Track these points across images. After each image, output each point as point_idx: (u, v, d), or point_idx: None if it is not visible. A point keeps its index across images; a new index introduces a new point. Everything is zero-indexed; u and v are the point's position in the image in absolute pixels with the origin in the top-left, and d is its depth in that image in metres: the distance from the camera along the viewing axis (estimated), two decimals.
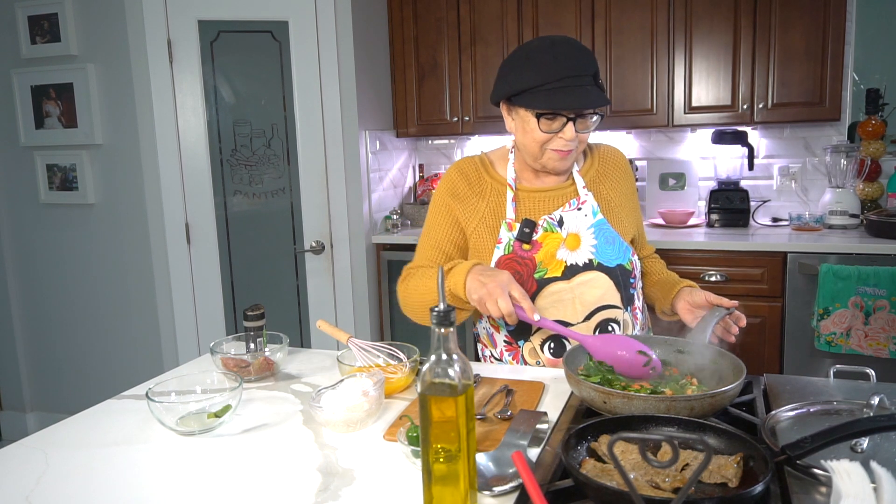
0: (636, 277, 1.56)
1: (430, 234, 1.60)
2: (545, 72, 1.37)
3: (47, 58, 3.09)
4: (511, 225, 1.51)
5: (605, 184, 1.57)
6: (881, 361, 2.56)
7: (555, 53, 1.38)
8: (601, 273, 1.48)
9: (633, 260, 1.55)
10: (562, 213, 1.51)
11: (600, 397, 1.08)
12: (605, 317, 1.49)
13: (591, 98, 1.38)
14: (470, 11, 3.33)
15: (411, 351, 1.43)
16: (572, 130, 1.40)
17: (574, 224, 1.50)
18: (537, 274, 1.48)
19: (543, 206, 1.52)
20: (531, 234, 1.49)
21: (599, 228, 1.51)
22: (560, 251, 1.48)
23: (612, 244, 1.51)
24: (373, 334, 3.32)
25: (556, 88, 1.37)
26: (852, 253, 2.64)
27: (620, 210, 1.56)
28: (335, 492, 0.97)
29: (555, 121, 1.41)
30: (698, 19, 3.01)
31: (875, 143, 3.09)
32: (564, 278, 1.47)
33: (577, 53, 1.39)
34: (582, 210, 1.51)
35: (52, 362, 3.44)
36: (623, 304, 1.51)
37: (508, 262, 1.49)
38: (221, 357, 1.48)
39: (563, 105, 1.38)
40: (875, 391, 1.05)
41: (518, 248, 1.49)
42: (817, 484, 0.86)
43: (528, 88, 1.40)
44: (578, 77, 1.37)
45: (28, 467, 1.08)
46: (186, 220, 3.06)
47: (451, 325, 0.86)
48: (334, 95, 3.07)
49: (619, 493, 0.79)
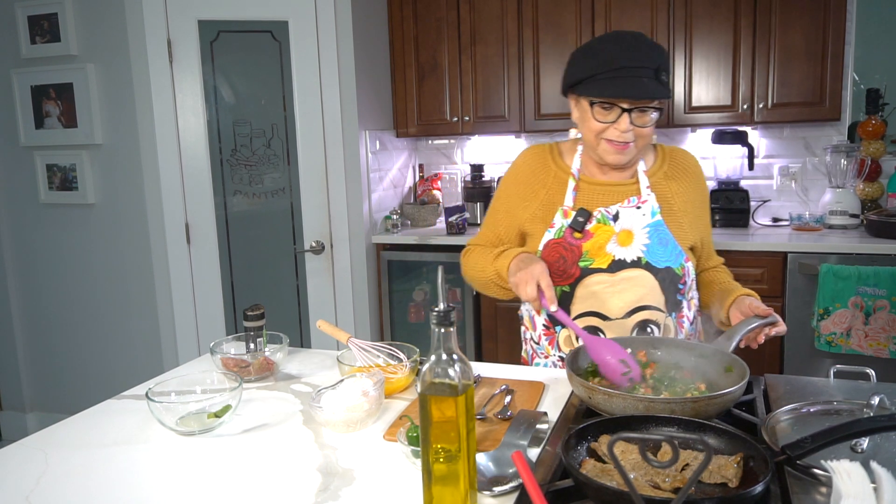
0: (686, 284, 1.51)
1: (491, 217, 1.66)
2: (604, 60, 1.38)
3: (47, 58, 3.09)
4: (567, 212, 1.51)
5: (671, 186, 1.54)
6: (881, 361, 2.56)
7: (618, 44, 1.39)
8: (648, 273, 1.47)
9: (687, 266, 1.51)
10: (619, 208, 1.49)
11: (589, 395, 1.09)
12: (644, 317, 1.47)
13: (645, 89, 1.36)
14: (470, 11, 3.33)
15: (411, 351, 1.43)
16: (626, 122, 1.39)
17: (629, 221, 1.49)
18: (582, 262, 1.47)
19: (602, 199, 1.51)
20: (585, 224, 1.48)
21: (655, 229, 1.48)
22: (610, 244, 1.47)
23: (666, 246, 1.48)
24: (373, 334, 3.32)
25: (612, 77, 1.37)
26: (852, 253, 2.64)
27: (683, 215, 1.53)
28: (335, 492, 0.97)
29: (610, 111, 1.40)
30: (698, 19, 3.01)
31: (875, 143, 3.09)
32: (609, 271, 1.47)
33: (641, 45, 1.38)
34: (641, 209, 1.49)
35: (52, 362, 3.44)
36: (667, 307, 1.48)
37: (555, 246, 1.50)
38: (221, 357, 1.48)
39: (614, 93, 1.37)
40: (875, 391, 1.05)
41: (569, 234, 1.49)
42: (817, 484, 0.86)
43: (586, 77, 1.40)
44: (637, 68, 1.36)
45: (28, 467, 1.08)
46: (186, 220, 3.06)
47: (452, 325, 0.86)
48: (334, 95, 3.07)
49: (619, 493, 0.79)
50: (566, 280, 1.48)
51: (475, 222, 3.53)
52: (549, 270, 1.39)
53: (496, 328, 3.23)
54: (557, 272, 1.48)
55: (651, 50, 1.39)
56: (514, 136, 3.65)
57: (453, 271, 3.26)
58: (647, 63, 1.37)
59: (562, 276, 1.48)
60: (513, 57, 3.30)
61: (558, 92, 3.53)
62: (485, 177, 3.60)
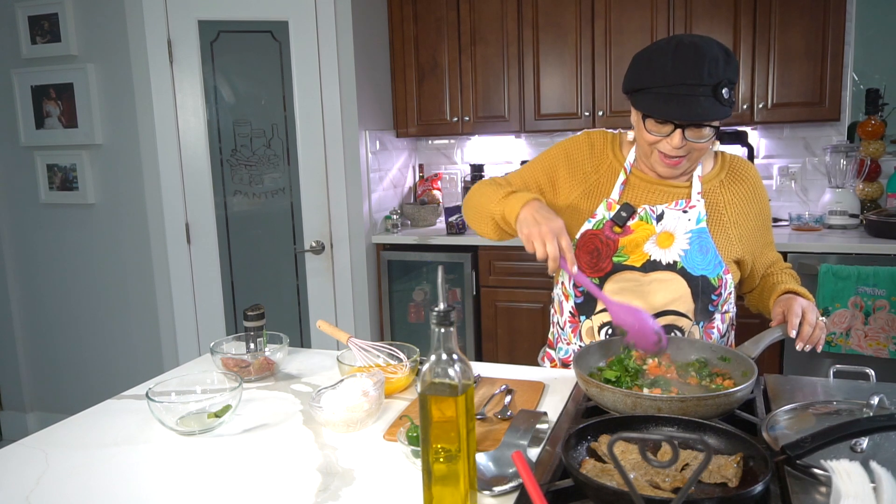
0: (721, 296, 1.47)
1: (528, 170, 1.59)
2: (658, 76, 1.33)
3: (47, 58, 3.09)
4: (611, 205, 1.48)
5: (724, 196, 1.50)
6: (881, 361, 2.56)
7: (675, 57, 1.33)
8: (681, 278, 1.44)
9: (725, 278, 1.47)
10: (665, 209, 1.46)
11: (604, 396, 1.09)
12: (670, 321, 1.45)
13: (698, 110, 1.30)
14: (470, 11, 3.33)
15: (411, 351, 1.43)
16: (679, 138, 1.35)
17: (673, 223, 1.46)
18: (616, 257, 1.46)
19: (650, 197, 1.49)
20: (627, 219, 1.46)
21: (698, 236, 1.45)
22: (648, 244, 1.45)
23: (705, 255, 1.45)
24: (373, 334, 3.32)
25: (666, 94, 1.32)
26: (852, 253, 2.64)
27: (732, 227, 1.49)
28: (335, 492, 0.97)
29: (663, 125, 1.36)
30: (698, 19, 3.01)
31: (875, 143, 3.09)
32: (642, 270, 1.45)
33: (699, 61, 1.30)
34: (687, 213, 1.45)
35: (52, 362, 3.44)
36: (696, 316, 1.45)
37: (592, 237, 1.48)
38: (221, 357, 1.48)
39: (665, 114, 1.34)
40: (875, 391, 1.05)
41: (608, 227, 1.47)
42: (817, 484, 0.86)
43: (641, 88, 1.37)
44: (693, 86, 1.30)
45: (28, 467, 1.08)
46: (186, 220, 3.06)
47: (452, 324, 0.86)
48: (334, 95, 3.07)
49: (619, 493, 0.79)
50: (596, 273, 1.47)
51: None
52: (578, 258, 1.38)
53: (496, 328, 3.23)
54: (589, 264, 1.47)
55: (713, 65, 1.30)
56: (514, 136, 3.65)
57: (453, 271, 3.26)
58: (706, 80, 1.30)
59: (593, 268, 1.47)
60: (513, 57, 3.30)
61: (558, 92, 3.54)
62: (485, 177, 3.60)
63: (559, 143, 1.59)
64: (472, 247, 3.20)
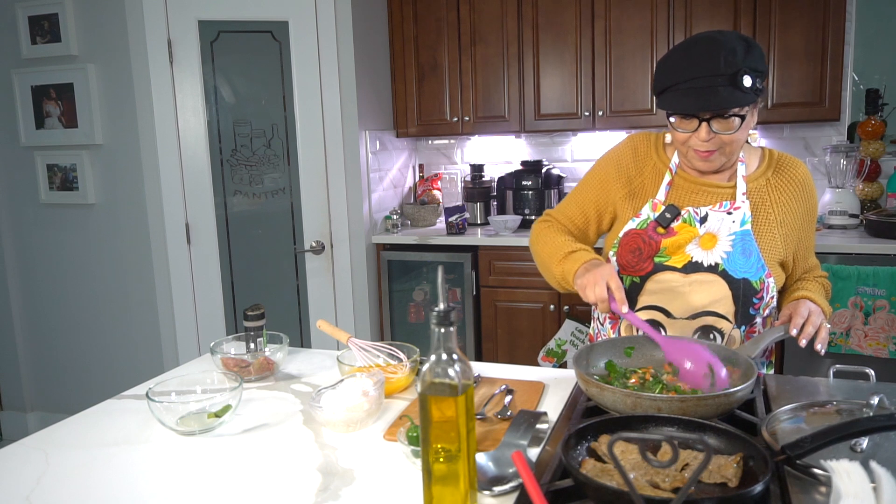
0: (763, 300, 1.46)
1: (580, 193, 1.62)
2: (675, 73, 1.36)
3: (47, 58, 3.09)
4: (656, 206, 1.49)
5: (771, 195, 1.48)
6: (881, 361, 2.56)
7: (692, 53, 1.35)
8: (722, 280, 1.43)
9: (767, 282, 1.45)
10: (709, 211, 1.46)
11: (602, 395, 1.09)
12: (709, 322, 1.44)
13: (716, 99, 1.31)
14: (470, 11, 3.33)
15: (411, 351, 1.43)
16: (705, 131, 1.36)
17: (716, 225, 1.45)
18: (657, 258, 1.46)
19: (694, 199, 1.49)
20: (671, 221, 1.46)
21: (741, 238, 1.43)
22: (690, 246, 1.45)
23: (748, 258, 1.43)
24: (373, 334, 3.32)
25: (685, 90, 1.34)
26: (852, 253, 2.64)
27: (777, 227, 1.47)
28: (335, 492, 0.97)
29: (689, 121, 1.38)
30: (698, 19, 3.01)
31: (875, 143, 3.09)
32: (683, 272, 1.44)
33: (715, 52, 1.32)
34: (732, 215, 1.44)
35: (52, 362, 3.44)
36: (736, 319, 1.44)
37: (634, 237, 1.49)
38: (221, 357, 1.48)
39: (684, 107, 1.35)
40: (875, 391, 1.05)
41: (652, 228, 1.47)
42: (817, 484, 0.86)
43: (664, 89, 1.39)
44: (711, 77, 1.31)
45: (28, 467, 1.08)
46: (186, 220, 3.06)
47: (452, 324, 0.86)
48: (334, 95, 3.08)
49: (619, 493, 0.79)
50: (637, 272, 1.47)
51: (475, 222, 3.53)
52: (619, 264, 1.41)
53: (496, 328, 3.23)
54: (629, 263, 1.47)
55: (730, 54, 1.31)
56: (514, 136, 3.65)
57: (453, 271, 3.26)
58: (722, 70, 1.30)
59: (633, 268, 1.47)
60: (513, 57, 3.30)
61: (558, 92, 3.54)
62: (485, 177, 3.60)
63: (605, 156, 1.61)
64: (472, 247, 3.20)
